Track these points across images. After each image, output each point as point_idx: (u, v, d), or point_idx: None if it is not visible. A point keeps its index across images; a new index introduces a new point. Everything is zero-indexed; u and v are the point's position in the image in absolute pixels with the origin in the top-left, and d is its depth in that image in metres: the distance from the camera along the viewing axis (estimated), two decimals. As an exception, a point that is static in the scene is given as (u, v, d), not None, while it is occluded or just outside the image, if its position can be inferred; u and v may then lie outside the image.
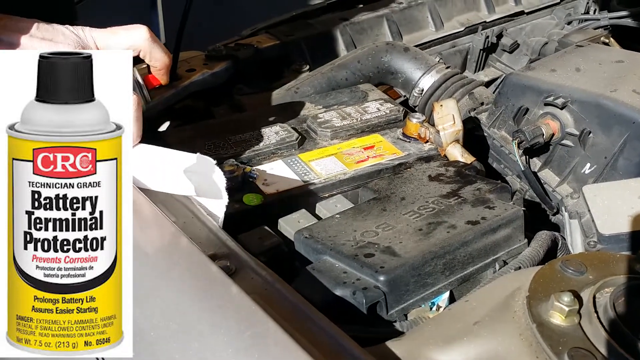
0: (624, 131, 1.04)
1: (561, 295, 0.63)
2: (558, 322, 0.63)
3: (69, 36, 0.84)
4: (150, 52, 0.91)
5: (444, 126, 1.10)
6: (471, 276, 0.85)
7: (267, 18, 1.57)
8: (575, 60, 1.22)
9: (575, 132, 1.11)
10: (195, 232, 0.83)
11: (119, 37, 0.89)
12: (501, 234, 0.86)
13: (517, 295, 0.69)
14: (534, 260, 0.84)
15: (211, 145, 1.08)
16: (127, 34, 0.89)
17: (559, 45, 1.51)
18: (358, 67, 1.38)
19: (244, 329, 0.65)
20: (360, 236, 0.84)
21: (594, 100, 1.08)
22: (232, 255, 0.78)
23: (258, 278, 0.74)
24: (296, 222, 0.93)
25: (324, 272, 0.79)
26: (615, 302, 0.64)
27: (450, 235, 0.83)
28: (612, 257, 0.73)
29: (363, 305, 0.75)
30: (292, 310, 0.69)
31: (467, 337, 0.65)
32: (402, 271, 0.78)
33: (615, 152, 1.05)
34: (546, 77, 1.17)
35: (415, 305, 0.80)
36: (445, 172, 1.01)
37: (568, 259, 0.72)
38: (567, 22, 1.73)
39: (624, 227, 0.86)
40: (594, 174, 1.09)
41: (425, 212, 0.89)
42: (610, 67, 1.18)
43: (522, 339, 0.63)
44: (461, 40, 1.66)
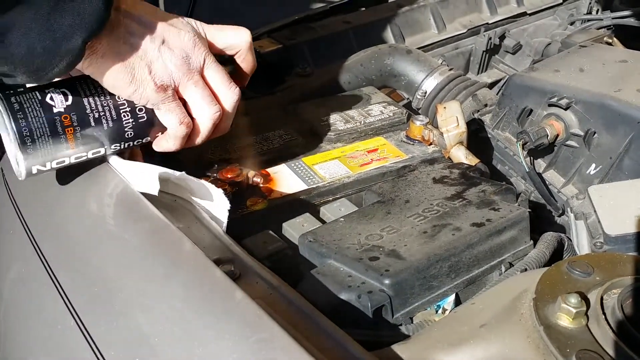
0: (629, 131, 1.03)
1: (568, 297, 0.63)
2: (565, 324, 0.63)
3: (186, 24, 0.88)
4: (246, 55, 0.96)
5: (447, 128, 1.09)
6: (477, 278, 0.84)
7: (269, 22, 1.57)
8: (578, 60, 1.21)
9: (579, 133, 1.10)
10: (200, 236, 0.82)
11: (225, 34, 0.93)
12: (507, 235, 0.86)
13: (524, 297, 0.68)
14: (540, 261, 0.83)
15: (214, 150, 1.07)
16: (233, 33, 0.93)
17: (562, 46, 1.50)
18: (361, 70, 1.38)
19: (249, 334, 0.64)
20: (365, 239, 0.84)
21: (598, 100, 1.07)
22: (237, 260, 0.78)
23: (263, 282, 0.74)
24: (300, 226, 0.93)
25: (329, 276, 0.79)
26: (623, 303, 0.64)
27: (455, 237, 0.83)
28: (619, 258, 0.72)
29: (368, 308, 0.74)
30: (297, 314, 0.69)
31: (473, 340, 0.65)
32: (408, 274, 0.77)
33: (621, 152, 1.04)
34: (550, 78, 1.17)
35: (420, 308, 0.79)
36: (450, 174, 1.00)
37: (575, 261, 0.71)
38: (569, 23, 1.73)
39: (631, 228, 0.86)
40: (599, 174, 1.09)
41: (430, 214, 0.88)
42: (614, 67, 1.17)
43: (529, 342, 0.63)
44: (464, 42, 1.66)
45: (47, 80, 0.77)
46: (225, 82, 0.90)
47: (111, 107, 0.85)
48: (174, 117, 0.88)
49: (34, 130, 0.80)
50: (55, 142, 0.83)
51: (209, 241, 0.82)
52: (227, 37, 0.93)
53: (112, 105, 0.86)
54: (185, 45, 0.85)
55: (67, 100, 0.83)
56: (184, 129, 0.89)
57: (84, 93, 0.84)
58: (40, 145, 0.82)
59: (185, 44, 0.86)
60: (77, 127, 0.83)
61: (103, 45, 0.79)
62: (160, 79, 0.84)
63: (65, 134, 0.83)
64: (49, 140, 0.82)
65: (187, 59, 0.86)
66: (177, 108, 0.88)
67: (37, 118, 0.81)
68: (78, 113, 0.83)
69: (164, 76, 0.84)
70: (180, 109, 0.88)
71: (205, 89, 0.88)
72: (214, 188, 0.86)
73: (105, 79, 0.82)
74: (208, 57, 0.88)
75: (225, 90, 0.90)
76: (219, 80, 0.89)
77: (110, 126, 0.86)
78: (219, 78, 0.89)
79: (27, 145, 0.81)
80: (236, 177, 0.99)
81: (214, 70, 0.89)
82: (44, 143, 0.82)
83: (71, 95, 0.83)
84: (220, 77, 0.89)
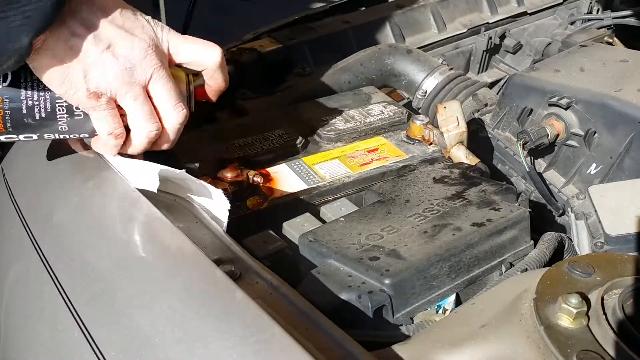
0: (629, 131, 1.03)
1: (569, 297, 0.63)
2: (566, 324, 0.63)
3: (146, 32, 0.83)
4: (213, 74, 0.91)
5: (447, 128, 1.09)
6: (477, 278, 0.84)
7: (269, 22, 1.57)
8: (579, 60, 1.21)
9: (580, 133, 1.10)
10: (200, 236, 0.82)
11: (193, 48, 0.88)
12: (507, 235, 0.86)
13: (524, 297, 0.68)
14: (541, 261, 0.83)
15: (214, 150, 1.07)
16: (202, 49, 0.89)
17: (562, 46, 1.50)
18: (361, 70, 1.38)
19: (250, 334, 0.64)
20: (365, 239, 0.84)
21: (598, 100, 1.07)
22: (237, 260, 0.78)
23: (263, 282, 0.74)
24: (300, 226, 0.93)
25: (329, 276, 0.79)
26: (624, 303, 0.64)
27: (455, 237, 0.83)
28: (619, 258, 0.72)
29: (369, 308, 0.74)
30: (297, 314, 0.69)
31: (474, 340, 0.65)
32: (408, 274, 0.77)
33: (621, 152, 1.04)
34: (550, 78, 1.17)
35: (421, 308, 0.79)
36: (450, 174, 1.00)
37: (575, 261, 0.71)
38: (570, 22, 1.73)
39: (632, 228, 0.86)
40: (599, 174, 1.08)
41: (430, 214, 0.88)
42: (615, 66, 1.17)
43: (530, 342, 0.63)
44: (464, 41, 1.66)
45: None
46: (171, 102, 0.86)
47: (47, 99, 0.84)
48: (104, 125, 0.85)
49: None
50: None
51: (209, 241, 0.82)
52: (194, 52, 0.88)
53: (49, 97, 0.84)
54: (133, 55, 0.81)
55: (5, 82, 0.83)
56: (112, 139, 0.86)
57: (24, 79, 0.83)
58: None
59: (133, 54, 0.81)
60: (8, 111, 0.83)
61: (42, 42, 0.77)
62: (94, 86, 0.81)
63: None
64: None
65: (131, 70, 0.81)
66: (109, 117, 0.84)
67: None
68: (11, 98, 0.83)
69: (100, 84, 0.81)
70: (113, 118, 0.84)
71: (144, 105, 0.84)
72: (213, 188, 0.86)
73: (41, 74, 0.80)
74: (157, 71, 0.83)
75: (169, 110, 0.86)
76: (164, 98, 0.85)
77: (43, 117, 0.85)
78: (165, 96, 0.85)
79: None
80: (236, 176, 0.99)
81: (160, 86, 0.84)
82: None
83: (10, 78, 0.83)
84: (166, 95, 0.85)
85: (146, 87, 0.84)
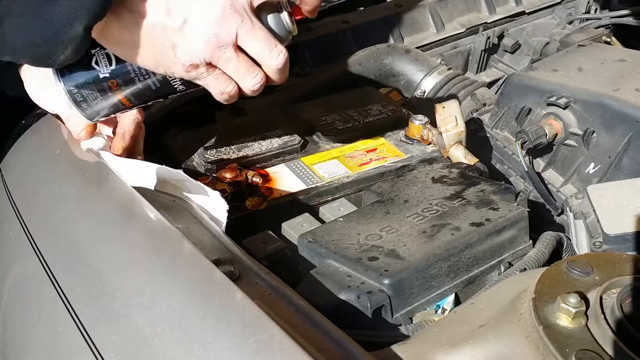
0: (627, 130, 1.03)
1: (567, 296, 0.63)
2: (565, 324, 0.63)
3: None
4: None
5: (446, 128, 1.09)
6: (476, 278, 0.84)
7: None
8: (577, 59, 1.22)
9: (578, 132, 1.10)
10: (199, 237, 0.82)
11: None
12: (506, 235, 0.86)
13: (523, 297, 0.68)
14: (540, 261, 0.83)
15: (213, 150, 1.07)
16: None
17: (560, 45, 1.50)
18: (360, 70, 1.38)
19: (249, 334, 0.64)
20: (364, 239, 0.84)
21: (597, 99, 1.07)
22: (236, 260, 0.78)
23: (262, 283, 0.74)
24: (300, 226, 0.93)
25: (328, 276, 0.79)
26: (623, 303, 0.64)
27: (454, 237, 0.83)
28: (618, 258, 0.72)
29: (368, 309, 0.74)
30: (296, 315, 0.69)
31: (473, 340, 0.64)
32: (407, 274, 0.77)
33: (620, 151, 1.04)
34: (548, 77, 1.17)
35: (420, 308, 0.79)
36: (449, 173, 1.00)
37: (574, 260, 0.71)
38: (568, 22, 1.73)
39: (630, 227, 0.86)
40: (598, 173, 1.09)
41: (429, 214, 0.88)
42: (613, 66, 1.17)
43: (529, 342, 0.63)
44: (462, 41, 1.66)
45: (57, 65, 0.76)
46: (265, 50, 0.82)
47: None
48: (214, 89, 0.84)
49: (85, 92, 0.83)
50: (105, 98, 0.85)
51: (208, 241, 0.82)
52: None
53: None
54: (211, 20, 0.78)
55: (111, 65, 0.83)
56: (226, 97, 0.85)
57: None
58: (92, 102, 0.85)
59: (211, 19, 0.78)
60: (125, 90, 0.84)
61: (114, 32, 0.76)
62: (187, 60, 0.79)
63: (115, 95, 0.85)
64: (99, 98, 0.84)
65: (215, 36, 0.78)
66: (214, 81, 0.83)
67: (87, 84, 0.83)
68: (124, 79, 0.83)
69: (191, 56, 0.79)
70: (218, 80, 0.83)
71: (240, 63, 0.82)
72: (210, 191, 0.85)
73: (136, 61, 0.80)
74: (242, 27, 0.80)
75: (266, 58, 0.83)
76: (258, 49, 0.82)
77: (158, 86, 0.85)
78: (257, 47, 0.82)
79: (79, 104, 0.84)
80: (235, 177, 0.99)
81: (249, 39, 0.81)
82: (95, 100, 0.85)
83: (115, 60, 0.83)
84: (258, 46, 0.82)
85: (236, 45, 0.81)
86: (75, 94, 0.84)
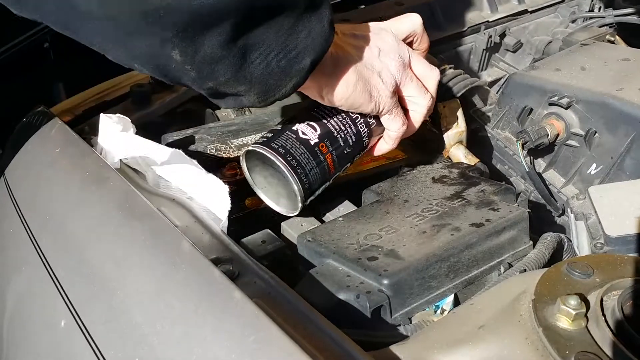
0: (630, 131, 1.03)
1: (568, 298, 0.63)
2: (565, 325, 0.62)
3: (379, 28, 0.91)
4: (422, 36, 0.97)
5: (447, 127, 1.09)
6: (476, 279, 0.84)
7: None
8: (580, 59, 1.21)
9: (580, 132, 1.10)
10: (198, 236, 0.82)
11: (403, 24, 0.95)
12: (506, 236, 0.85)
13: (523, 298, 0.68)
14: (540, 262, 0.83)
15: (213, 149, 1.07)
16: (408, 21, 0.96)
17: (563, 44, 1.50)
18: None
19: (248, 334, 0.64)
20: (364, 239, 0.84)
21: (599, 99, 1.07)
22: (235, 259, 0.77)
23: (261, 282, 0.74)
24: (299, 226, 0.92)
25: (327, 276, 0.79)
26: (623, 305, 0.63)
27: (454, 237, 0.82)
28: (619, 259, 0.72)
29: (367, 309, 0.74)
30: (295, 314, 0.69)
31: (472, 341, 0.64)
32: (406, 274, 0.77)
33: (622, 152, 1.04)
34: (550, 77, 1.16)
35: (419, 308, 0.79)
36: (449, 173, 1.00)
37: (574, 262, 0.71)
38: (571, 21, 1.72)
39: (632, 229, 0.85)
40: (600, 174, 1.08)
41: (429, 214, 0.88)
42: (616, 65, 1.17)
43: (529, 343, 0.63)
44: (464, 40, 1.65)
45: (270, 103, 0.78)
46: (427, 66, 0.93)
47: (349, 124, 0.90)
48: (400, 119, 0.92)
49: (305, 165, 0.86)
50: (321, 171, 0.89)
51: (207, 240, 0.82)
52: (405, 26, 0.95)
53: (350, 121, 0.90)
54: (393, 45, 0.89)
55: (317, 130, 0.88)
56: (405, 128, 0.93)
57: (325, 119, 0.89)
58: (312, 177, 0.88)
59: (393, 45, 0.89)
60: (333, 151, 0.89)
61: (329, 67, 0.81)
62: (391, 85, 0.88)
63: (326, 160, 0.88)
64: (317, 169, 0.88)
65: (400, 57, 0.89)
66: (401, 111, 0.92)
67: (303, 154, 0.87)
68: (330, 138, 0.88)
69: (392, 80, 0.88)
70: (402, 111, 0.92)
71: (417, 81, 0.92)
72: (221, 184, 0.85)
73: (345, 100, 0.85)
74: (409, 49, 0.92)
75: (429, 74, 0.93)
76: (422, 67, 0.93)
77: (355, 141, 0.91)
78: (422, 65, 0.93)
79: (303, 181, 0.87)
80: (235, 175, 0.98)
81: (416, 59, 0.92)
82: (314, 175, 0.88)
83: (317, 125, 0.88)
84: (423, 64, 0.93)
85: (410, 66, 0.91)
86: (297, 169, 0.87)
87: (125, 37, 0.66)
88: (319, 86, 0.83)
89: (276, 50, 0.72)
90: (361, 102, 0.86)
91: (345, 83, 0.83)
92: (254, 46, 0.70)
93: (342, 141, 0.90)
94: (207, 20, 0.65)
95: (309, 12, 0.73)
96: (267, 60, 0.72)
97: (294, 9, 0.71)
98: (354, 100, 0.85)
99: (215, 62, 0.69)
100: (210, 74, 0.70)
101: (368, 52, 0.86)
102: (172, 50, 0.67)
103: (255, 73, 0.72)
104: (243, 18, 0.67)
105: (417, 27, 0.95)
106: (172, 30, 0.65)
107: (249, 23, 0.68)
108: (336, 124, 0.90)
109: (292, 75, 0.75)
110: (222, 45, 0.68)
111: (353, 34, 0.87)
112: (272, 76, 0.74)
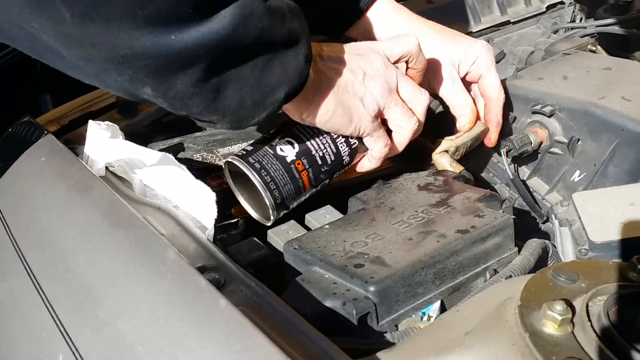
0: (613, 138, 1.03)
1: (553, 304, 0.63)
2: (551, 331, 0.63)
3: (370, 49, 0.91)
4: (418, 57, 0.96)
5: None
6: (462, 285, 0.84)
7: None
8: (562, 68, 1.22)
9: (563, 140, 1.11)
10: (184, 244, 0.82)
11: (398, 44, 0.94)
12: (491, 242, 0.86)
13: (509, 304, 0.68)
14: (525, 268, 0.83)
15: (199, 158, 1.07)
16: (404, 41, 0.95)
17: (545, 54, 1.51)
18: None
19: (233, 342, 0.64)
20: (350, 246, 0.84)
21: (582, 107, 1.08)
22: (221, 268, 0.77)
23: (247, 290, 0.73)
24: (285, 233, 0.92)
25: (314, 283, 0.78)
26: (609, 310, 0.64)
27: (440, 244, 0.82)
28: (604, 265, 0.72)
29: (353, 316, 0.74)
30: (281, 322, 0.69)
31: (458, 348, 0.64)
32: (392, 281, 0.77)
33: (605, 159, 1.05)
34: (533, 86, 1.17)
35: (406, 315, 0.79)
36: (434, 181, 1.00)
37: (560, 267, 0.71)
38: (553, 31, 1.73)
39: (616, 235, 0.86)
40: (583, 181, 1.09)
41: (415, 221, 0.88)
42: (598, 74, 1.18)
43: (515, 349, 0.63)
44: (448, 50, 1.66)
45: (243, 128, 0.80)
46: (416, 91, 0.94)
47: (329, 143, 0.92)
48: (382, 141, 0.94)
49: (278, 181, 0.88)
50: (295, 187, 0.91)
51: (193, 249, 0.81)
52: (401, 46, 0.94)
53: (329, 140, 0.92)
54: (380, 69, 0.89)
55: (295, 148, 0.89)
56: (387, 150, 0.95)
57: (305, 136, 0.91)
58: (285, 193, 0.90)
59: (380, 69, 0.89)
60: (309, 169, 0.90)
61: (310, 94, 0.82)
62: (372, 110, 0.89)
63: (301, 177, 0.90)
64: (290, 185, 0.90)
65: (385, 82, 0.90)
66: (383, 132, 0.93)
67: (278, 171, 0.88)
68: (307, 156, 0.90)
69: (374, 105, 0.89)
70: (385, 132, 0.94)
71: (403, 105, 0.93)
72: (209, 191, 0.86)
73: (324, 124, 0.86)
74: (398, 73, 0.92)
75: (417, 99, 0.94)
76: (410, 91, 0.93)
77: (333, 160, 0.93)
78: (410, 89, 0.93)
79: (275, 196, 0.89)
80: (221, 184, 0.98)
81: (404, 82, 0.93)
82: (287, 190, 0.90)
83: (296, 142, 0.90)
84: (411, 88, 0.93)
85: (397, 90, 0.92)
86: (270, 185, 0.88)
87: (97, 74, 0.67)
88: (298, 110, 0.84)
89: (250, 85, 0.73)
90: (339, 127, 0.88)
91: (325, 108, 0.85)
92: (228, 82, 0.71)
93: (319, 159, 0.92)
94: (182, 62, 0.66)
95: (285, 48, 0.75)
96: (241, 95, 0.73)
97: (270, 47, 0.73)
98: (333, 124, 0.87)
99: (188, 98, 0.70)
100: (182, 106, 0.72)
101: (351, 77, 0.87)
102: (144, 87, 0.68)
103: (228, 106, 0.73)
104: (218, 59, 0.68)
105: (412, 48, 0.95)
106: (143, 72, 0.66)
107: (224, 63, 0.70)
108: (315, 142, 0.91)
109: (266, 107, 0.77)
110: (194, 84, 0.69)
111: (338, 56, 0.87)
112: (246, 109, 0.75)
